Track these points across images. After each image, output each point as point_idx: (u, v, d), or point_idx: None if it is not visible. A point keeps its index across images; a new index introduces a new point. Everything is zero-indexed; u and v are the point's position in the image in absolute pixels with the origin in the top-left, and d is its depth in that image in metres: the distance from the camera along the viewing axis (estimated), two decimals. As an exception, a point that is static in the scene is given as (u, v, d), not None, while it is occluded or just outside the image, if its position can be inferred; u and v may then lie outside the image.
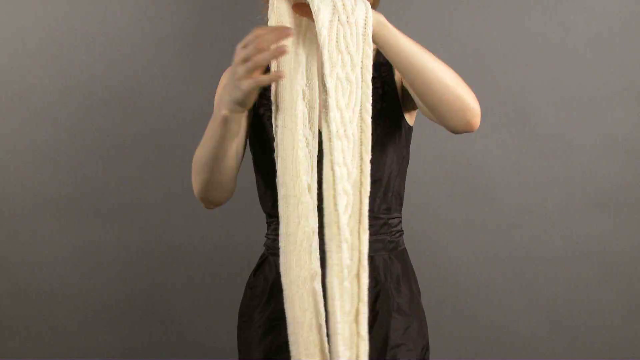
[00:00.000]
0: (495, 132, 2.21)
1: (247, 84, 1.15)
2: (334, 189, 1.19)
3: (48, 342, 2.21)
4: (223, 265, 2.22)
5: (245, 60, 1.14)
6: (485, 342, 2.25)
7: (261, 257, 1.50)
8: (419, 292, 1.49)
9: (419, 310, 1.46)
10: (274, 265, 1.43)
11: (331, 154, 1.18)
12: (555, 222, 2.23)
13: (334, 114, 1.17)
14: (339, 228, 1.18)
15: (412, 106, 1.43)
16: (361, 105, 1.21)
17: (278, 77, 1.18)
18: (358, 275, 1.21)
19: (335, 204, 1.18)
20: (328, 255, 1.19)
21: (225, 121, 1.22)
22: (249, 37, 1.15)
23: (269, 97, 1.37)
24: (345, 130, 1.20)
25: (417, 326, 1.43)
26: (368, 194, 1.23)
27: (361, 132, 1.22)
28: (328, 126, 1.17)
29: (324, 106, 1.18)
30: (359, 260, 1.21)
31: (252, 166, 1.47)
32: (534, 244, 2.23)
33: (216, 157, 1.28)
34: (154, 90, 2.17)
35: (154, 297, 2.23)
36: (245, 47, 1.15)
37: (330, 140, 1.18)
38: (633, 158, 2.21)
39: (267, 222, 1.49)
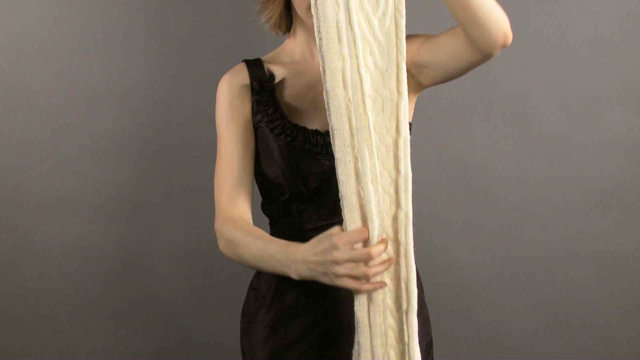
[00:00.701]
0: (495, 132, 2.21)
1: (344, 284, 1.15)
2: (362, 93, 1.15)
3: (48, 342, 2.21)
4: (224, 265, 2.22)
5: (352, 261, 1.13)
6: (485, 342, 2.25)
7: None
8: (422, 288, 1.50)
9: (423, 307, 1.47)
10: None
11: (357, 58, 1.14)
12: (555, 222, 2.23)
13: (357, 17, 1.15)
14: (369, 132, 1.15)
15: (412, 92, 1.43)
16: (395, 9, 1.19)
17: (381, 287, 1.17)
18: (397, 166, 1.21)
19: (365, 107, 1.15)
20: (360, 161, 1.16)
21: (286, 275, 1.23)
22: (357, 236, 1.13)
23: (266, 102, 1.38)
24: (374, 34, 1.17)
25: (422, 323, 1.43)
26: (405, 98, 1.21)
27: (396, 38, 1.20)
28: (351, 28, 1.14)
29: (347, 8, 1.14)
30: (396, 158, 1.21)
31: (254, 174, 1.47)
32: (534, 244, 2.23)
33: (255, 268, 1.32)
34: (154, 90, 2.17)
35: (155, 296, 2.23)
36: (351, 246, 1.13)
37: (354, 43, 1.14)
38: (633, 158, 2.21)
39: (269, 224, 1.49)
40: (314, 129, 1.37)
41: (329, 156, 1.34)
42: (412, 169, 1.48)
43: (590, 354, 2.25)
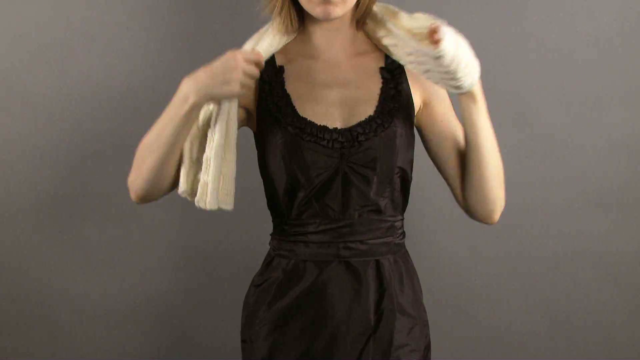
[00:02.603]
0: (496, 132, 2.20)
1: (237, 86, 1.29)
2: None
3: (46, 342, 2.21)
4: (224, 265, 2.22)
5: (248, 61, 1.30)
6: (485, 342, 2.25)
7: (267, 257, 1.50)
8: (421, 291, 1.50)
9: (421, 310, 1.47)
10: (280, 265, 1.43)
11: None
12: (555, 222, 2.22)
13: None
14: None
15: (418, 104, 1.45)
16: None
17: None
18: None
19: None
20: None
21: (194, 109, 1.34)
22: (254, 54, 1.34)
23: (277, 93, 1.40)
24: None
25: (420, 326, 1.44)
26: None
27: None
28: None
29: None
30: None
31: (259, 170, 1.47)
32: (534, 243, 2.23)
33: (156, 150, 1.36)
34: (154, 90, 2.17)
35: (154, 297, 2.22)
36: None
37: None
38: (633, 158, 2.21)
39: (273, 223, 1.49)
40: (322, 124, 1.37)
41: (335, 152, 1.35)
42: (414, 169, 1.49)
43: (590, 354, 2.25)
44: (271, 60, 1.43)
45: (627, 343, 2.25)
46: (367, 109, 1.39)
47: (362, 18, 1.43)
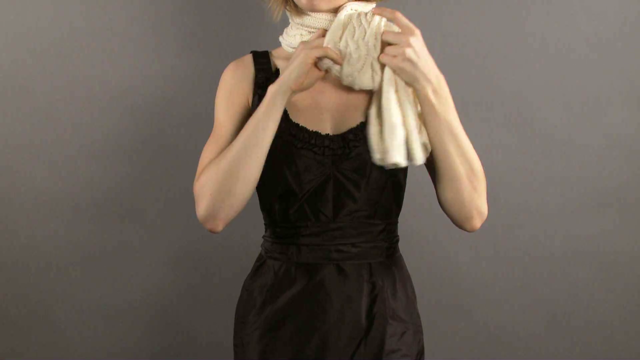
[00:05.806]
0: (495, 132, 2.21)
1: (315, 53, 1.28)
2: None
3: (45, 342, 2.21)
4: (222, 266, 2.22)
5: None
6: (485, 342, 2.25)
7: (259, 259, 1.50)
8: (414, 296, 1.50)
9: (414, 315, 1.46)
10: (272, 268, 1.43)
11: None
12: (555, 222, 2.22)
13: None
14: None
15: None
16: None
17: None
18: None
19: None
20: None
21: (274, 100, 1.29)
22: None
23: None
24: None
25: (413, 331, 1.43)
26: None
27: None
28: None
29: None
30: None
31: None
32: (534, 244, 2.23)
33: (255, 145, 1.30)
34: (153, 91, 2.17)
35: (153, 297, 2.23)
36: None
37: None
38: (633, 158, 2.21)
39: (265, 225, 1.49)
40: (314, 130, 1.37)
41: (327, 158, 1.34)
42: (414, 169, 1.49)
43: (590, 354, 2.25)
44: (267, 63, 1.43)
45: (627, 343, 2.25)
46: (360, 115, 1.39)
47: None
